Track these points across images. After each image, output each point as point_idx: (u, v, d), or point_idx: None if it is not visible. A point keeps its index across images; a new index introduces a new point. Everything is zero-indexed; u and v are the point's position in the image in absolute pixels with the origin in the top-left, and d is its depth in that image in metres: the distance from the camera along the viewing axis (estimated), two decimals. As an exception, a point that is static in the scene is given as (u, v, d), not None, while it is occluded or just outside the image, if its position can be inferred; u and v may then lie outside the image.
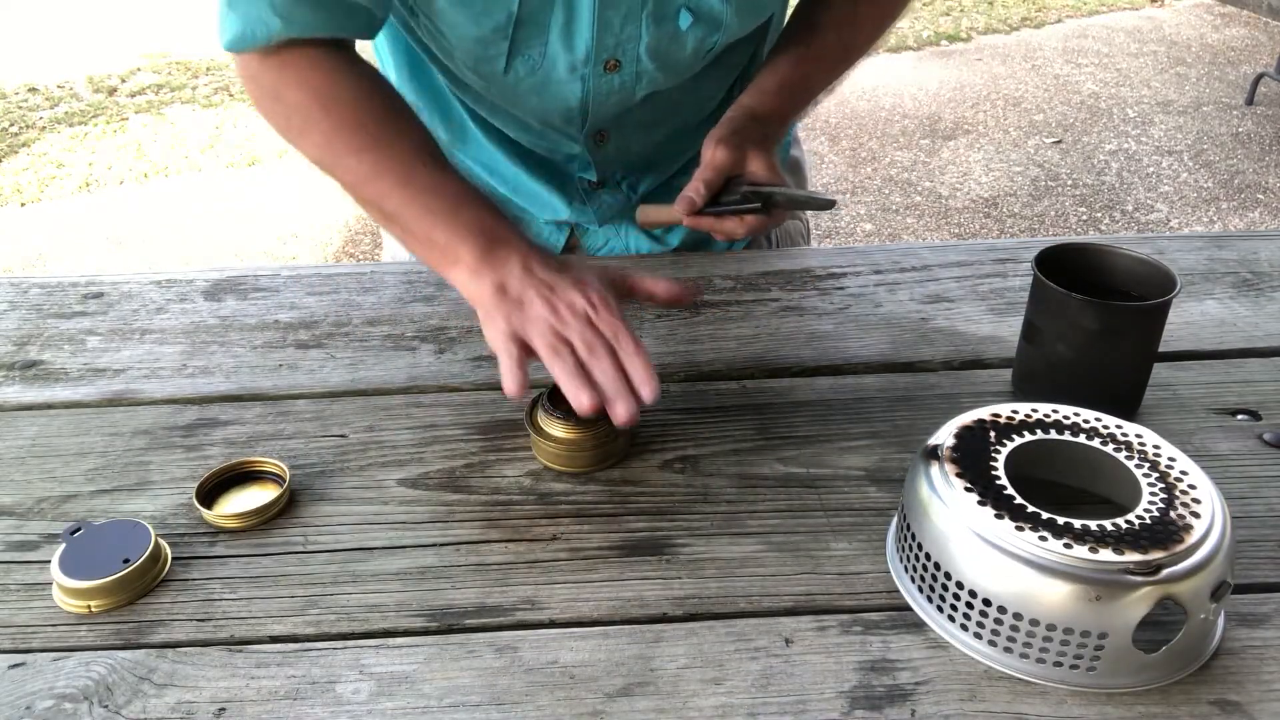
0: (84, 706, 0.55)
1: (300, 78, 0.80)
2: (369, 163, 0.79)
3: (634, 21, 0.82)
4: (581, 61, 0.84)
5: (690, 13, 0.83)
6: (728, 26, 0.85)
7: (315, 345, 0.88)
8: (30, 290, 0.98)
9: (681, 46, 0.85)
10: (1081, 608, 0.53)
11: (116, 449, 0.76)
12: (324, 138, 0.80)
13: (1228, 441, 0.74)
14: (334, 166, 0.81)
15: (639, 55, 0.85)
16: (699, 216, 0.84)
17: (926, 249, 1.02)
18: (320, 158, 0.81)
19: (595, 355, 0.67)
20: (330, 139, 0.80)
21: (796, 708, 0.54)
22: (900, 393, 0.80)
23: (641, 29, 0.82)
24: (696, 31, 0.84)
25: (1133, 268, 0.76)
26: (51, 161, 4.10)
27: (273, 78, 0.81)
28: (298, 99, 0.81)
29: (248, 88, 0.83)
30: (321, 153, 0.81)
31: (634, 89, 0.88)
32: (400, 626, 0.60)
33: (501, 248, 0.74)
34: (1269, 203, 3.54)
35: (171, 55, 5.26)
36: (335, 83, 0.80)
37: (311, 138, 0.81)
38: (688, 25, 0.83)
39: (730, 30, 0.86)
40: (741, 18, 0.86)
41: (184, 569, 0.65)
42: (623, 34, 0.82)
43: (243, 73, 0.82)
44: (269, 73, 0.80)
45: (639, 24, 0.82)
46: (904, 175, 3.84)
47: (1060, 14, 5.75)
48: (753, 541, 0.66)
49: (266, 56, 0.79)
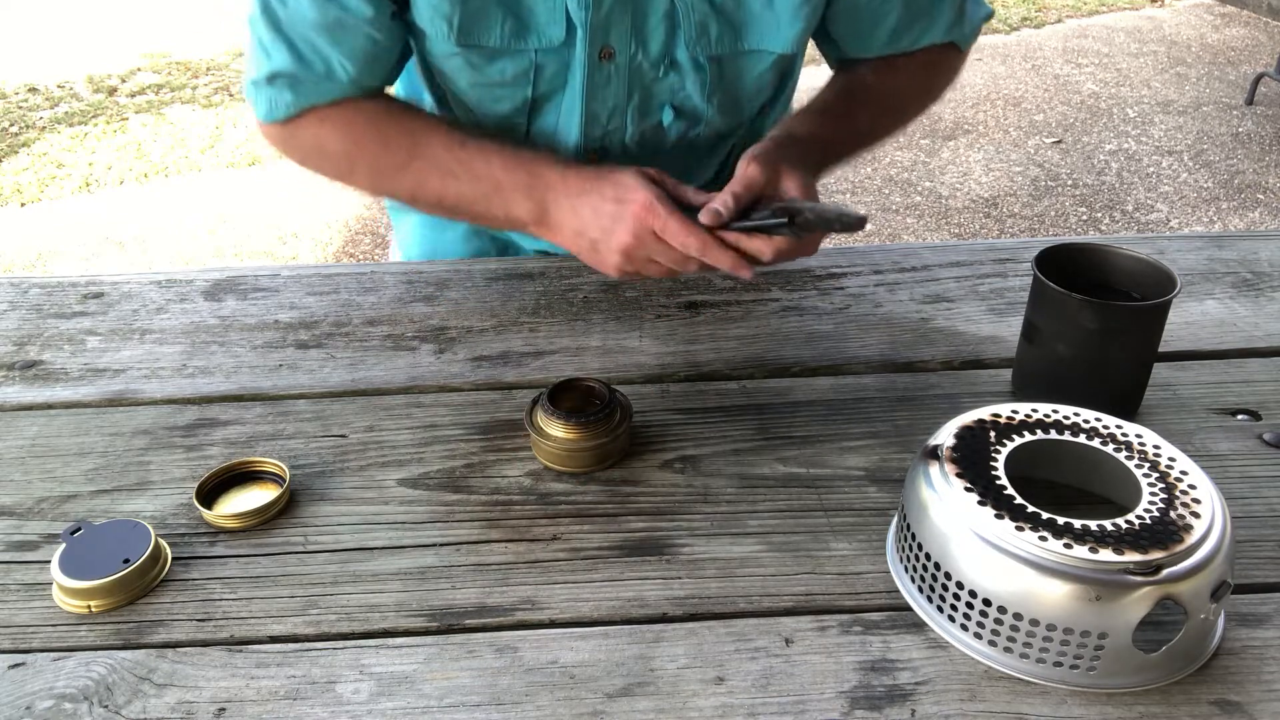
0: (84, 706, 0.55)
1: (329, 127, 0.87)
2: (413, 174, 0.85)
3: (619, 115, 0.89)
4: (573, 149, 0.90)
5: (673, 109, 0.89)
6: (709, 121, 0.91)
7: (315, 345, 0.88)
8: (30, 290, 0.98)
9: (664, 138, 0.92)
10: (1081, 608, 0.53)
11: (116, 449, 0.76)
12: (370, 169, 0.88)
13: (1228, 441, 0.74)
14: (390, 190, 0.90)
15: (624, 144, 0.91)
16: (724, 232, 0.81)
17: (926, 249, 1.02)
18: (373, 187, 0.92)
19: (686, 269, 0.75)
20: (375, 169, 0.88)
21: (796, 708, 0.54)
22: (900, 393, 0.80)
23: (626, 122, 0.89)
24: (679, 125, 0.91)
25: (1133, 268, 0.76)
26: (51, 161, 4.10)
27: (309, 135, 0.87)
28: (336, 147, 0.88)
29: (288, 156, 0.91)
30: (371, 184, 0.91)
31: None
32: (400, 626, 0.60)
33: (547, 194, 0.79)
34: (1269, 203, 3.54)
35: (171, 55, 5.26)
36: (354, 118, 0.87)
37: (360, 177, 0.90)
38: (670, 120, 0.90)
39: (713, 124, 0.92)
40: (722, 114, 0.91)
41: (184, 569, 0.65)
42: (609, 125, 0.89)
43: (277, 145, 0.90)
44: (301, 134, 0.87)
45: (624, 118, 0.89)
46: (904, 175, 3.84)
47: (1060, 14, 5.75)
48: (753, 541, 0.66)
49: (286, 125, 0.87)
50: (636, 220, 0.73)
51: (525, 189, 0.80)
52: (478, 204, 0.83)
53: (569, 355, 0.86)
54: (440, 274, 0.98)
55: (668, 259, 0.74)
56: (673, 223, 0.72)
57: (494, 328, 0.90)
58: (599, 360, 0.85)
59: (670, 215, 0.72)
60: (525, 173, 0.81)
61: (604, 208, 0.75)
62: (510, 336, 0.89)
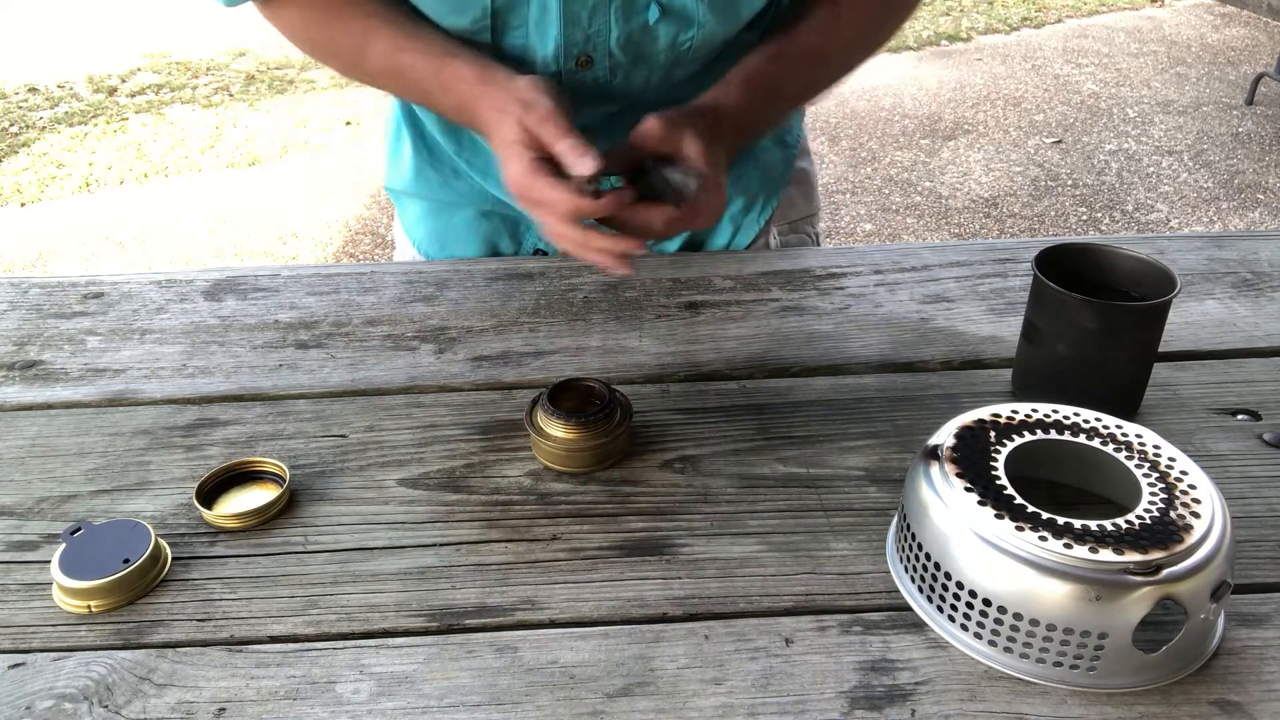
0: (84, 706, 0.55)
1: (294, 23, 0.89)
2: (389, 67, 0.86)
3: (602, 15, 0.82)
4: (553, 58, 0.85)
5: (659, 6, 0.82)
6: (701, 23, 0.84)
7: (315, 345, 0.88)
8: (30, 290, 0.98)
9: (653, 41, 0.85)
10: (1081, 608, 0.53)
11: (116, 449, 0.76)
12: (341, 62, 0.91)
13: (1228, 441, 0.74)
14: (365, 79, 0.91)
15: (610, 49, 0.85)
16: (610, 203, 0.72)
17: (926, 249, 1.02)
18: (344, 71, 0.93)
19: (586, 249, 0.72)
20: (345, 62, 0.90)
21: (796, 708, 0.54)
22: (900, 393, 0.80)
23: (610, 22, 0.83)
24: (668, 27, 0.84)
25: (1133, 268, 0.76)
26: (51, 161, 4.11)
27: (282, 25, 0.90)
28: (309, 36, 0.90)
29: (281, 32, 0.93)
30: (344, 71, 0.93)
31: (611, 87, 0.88)
32: (400, 626, 0.60)
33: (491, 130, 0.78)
34: (1269, 203, 3.54)
35: (171, 55, 5.27)
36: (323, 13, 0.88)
37: (333, 64, 0.92)
38: (656, 19, 0.83)
39: (705, 27, 0.85)
40: (716, 15, 0.84)
41: (184, 569, 0.65)
42: (591, 28, 0.83)
43: (269, 18, 0.91)
44: (276, 20, 0.89)
45: (607, 17, 0.83)
46: (904, 175, 3.84)
47: (1060, 14, 5.75)
48: (753, 541, 0.66)
49: (267, 5, 0.88)
50: (512, 174, 0.73)
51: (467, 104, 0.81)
52: (441, 97, 0.84)
53: (569, 355, 0.86)
54: (440, 274, 0.99)
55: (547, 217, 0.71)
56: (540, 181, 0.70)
57: (494, 328, 0.90)
58: (599, 360, 0.85)
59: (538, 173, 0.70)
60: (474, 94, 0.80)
61: (494, 146, 0.76)
62: (510, 336, 0.89)
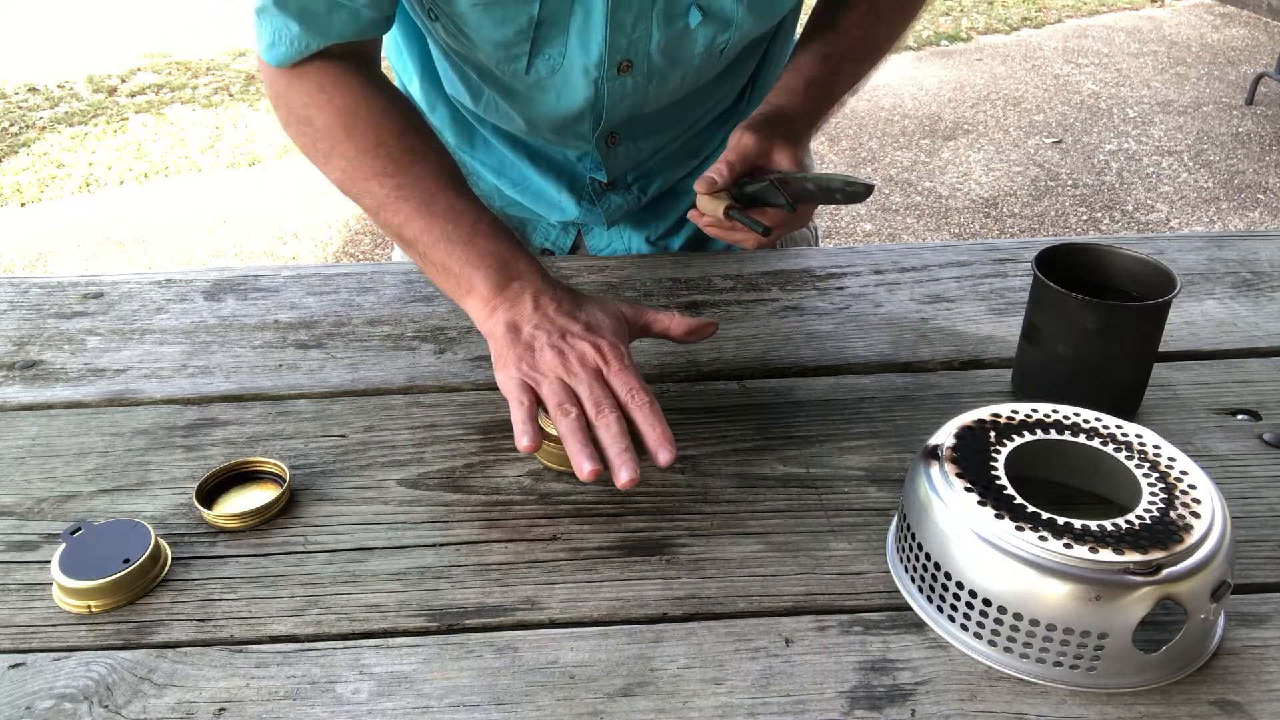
0: (84, 706, 0.55)
1: (326, 97, 0.82)
2: (390, 187, 0.79)
3: (645, 20, 0.82)
4: (595, 64, 0.84)
5: (700, 10, 0.83)
6: (739, 25, 0.85)
7: (315, 345, 0.88)
8: (30, 290, 0.98)
9: (692, 45, 0.86)
10: (1081, 608, 0.53)
11: (116, 449, 0.76)
12: (347, 162, 0.81)
13: (1228, 441, 0.74)
14: (358, 192, 0.82)
15: (650, 54, 0.85)
16: (718, 225, 0.82)
17: (926, 249, 1.02)
18: (343, 181, 0.83)
19: (602, 415, 0.66)
20: (354, 163, 0.81)
21: (796, 708, 0.54)
22: (900, 393, 0.80)
23: (653, 27, 0.83)
24: (707, 30, 0.85)
25: (1133, 268, 0.76)
26: (51, 161, 4.10)
27: (301, 99, 0.83)
28: (324, 122, 0.82)
29: (277, 111, 0.85)
30: (344, 177, 0.82)
31: (646, 90, 0.88)
32: (400, 626, 0.60)
33: (516, 280, 0.75)
34: (1269, 203, 3.54)
35: (171, 55, 5.26)
36: (359, 102, 0.82)
37: (336, 162, 0.82)
38: (697, 23, 0.84)
39: (743, 28, 0.86)
40: (754, 16, 0.86)
41: (184, 569, 0.65)
42: (634, 33, 0.83)
43: (271, 94, 0.85)
44: (297, 93, 0.83)
45: (650, 22, 0.82)
46: (904, 175, 3.84)
47: (1060, 14, 5.75)
48: (753, 541, 0.66)
49: (294, 74, 0.82)
50: (595, 345, 0.70)
51: (501, 262, 0.76)
52: (434, 247, 0.77)
53: (569, 355, 0.86)
54: (440, 274, 0.98)
55: (591, 394, 0.68)
56: (621, 366, 0.69)
57: (494, 328, 0.90)
58: (599, 360, 0.85)
59: (626, 362, 0.70)
60: (510, 250, 0.76)
61: (568, 322, 0.72)
62: (510, 336, 0.89)
